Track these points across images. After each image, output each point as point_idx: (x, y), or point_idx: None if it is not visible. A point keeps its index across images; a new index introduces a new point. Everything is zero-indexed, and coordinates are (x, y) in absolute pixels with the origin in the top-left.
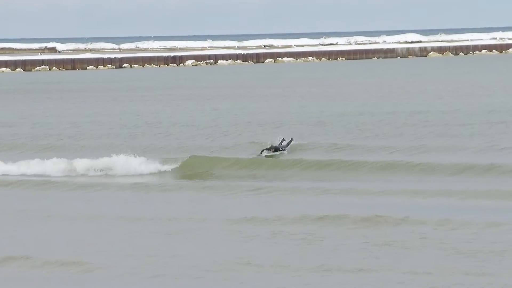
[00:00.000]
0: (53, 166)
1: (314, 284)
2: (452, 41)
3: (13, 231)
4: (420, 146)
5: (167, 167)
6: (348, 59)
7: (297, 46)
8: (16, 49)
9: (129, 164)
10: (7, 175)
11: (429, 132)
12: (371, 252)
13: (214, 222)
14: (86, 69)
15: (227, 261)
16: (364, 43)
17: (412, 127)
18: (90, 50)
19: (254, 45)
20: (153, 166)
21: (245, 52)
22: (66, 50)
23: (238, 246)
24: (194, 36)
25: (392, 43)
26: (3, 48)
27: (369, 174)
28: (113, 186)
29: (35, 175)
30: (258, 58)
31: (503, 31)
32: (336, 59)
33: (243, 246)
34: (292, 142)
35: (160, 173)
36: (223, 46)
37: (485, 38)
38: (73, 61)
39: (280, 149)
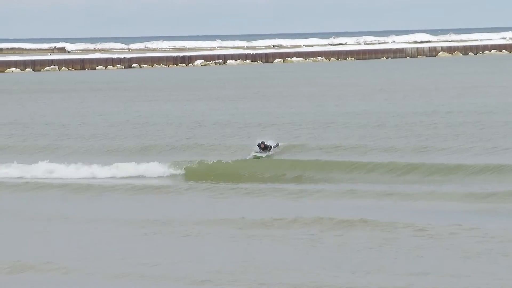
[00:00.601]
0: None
1: (327, 284)
2: (461, 41)
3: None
4: (426, 146)
5: (172, 171)
6: (357, 59)
7: (306, 46)
8: (25, 49)
9: (133, 167)
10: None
11: (444, 132)
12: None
13: (221, 225)
14: (95, 69)
15: (234, 262)
16: (374, 43)
17: (423, 128)
18: (100, 50)
19: (263, 45)
20: (159, 169)
21: (254, 52)
22: (75, 50)
23: (244, 247)
24: (203, 36)
25: (402, 43)
26: (12, 48)
27: (368, 175)
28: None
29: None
30: (267, 58)
31: None
32: (345, 59)
33: (250, 247)
34: (277, 147)
35: (168, 177)
36: (232, 46)
37: (494, 38)
38: (82, 61)
39: (269, 148)
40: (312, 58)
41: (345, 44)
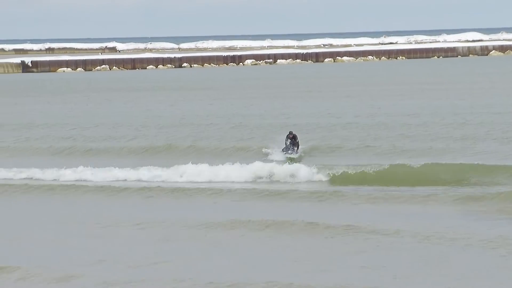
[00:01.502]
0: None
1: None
2: None
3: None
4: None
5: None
6: (408, 58)
7: (356, 45)
8: (77, 49)
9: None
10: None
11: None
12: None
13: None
14: (146, 68)
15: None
16: (425, 42)
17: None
18: (150, 50)
19: (313, 45)
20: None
21: (305, 51)
22: (126, 49)
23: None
24: (254, 35)
25: (453, 42)
26: (64, 48)
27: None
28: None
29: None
30: (317, 57)
31: None
32: (396, 58)
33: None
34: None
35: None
36: (282, 45)
37: None
38: (133, 60)
39: (297, 140)
40: (363, 57)
41: (396, 43)
